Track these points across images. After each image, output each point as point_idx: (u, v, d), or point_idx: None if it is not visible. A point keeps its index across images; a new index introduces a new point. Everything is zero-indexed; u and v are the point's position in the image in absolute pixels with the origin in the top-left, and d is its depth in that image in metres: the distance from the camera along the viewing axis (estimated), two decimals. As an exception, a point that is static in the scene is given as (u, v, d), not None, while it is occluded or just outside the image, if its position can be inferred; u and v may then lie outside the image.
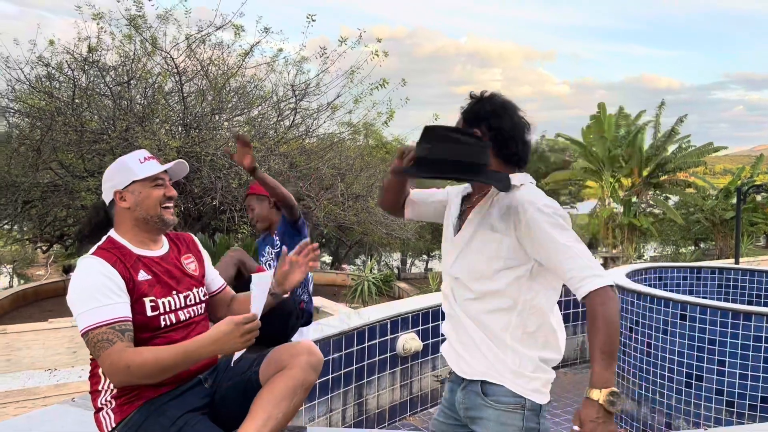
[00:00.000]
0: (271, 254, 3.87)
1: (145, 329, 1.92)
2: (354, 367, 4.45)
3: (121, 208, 2.04)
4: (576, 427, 1.63)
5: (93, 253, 1.94)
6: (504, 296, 1.79)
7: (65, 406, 2.89)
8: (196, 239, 2.29)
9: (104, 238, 2.03)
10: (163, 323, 1.98)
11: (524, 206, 1.75)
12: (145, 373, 1.79)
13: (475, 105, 1.91)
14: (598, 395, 1.59)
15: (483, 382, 1.82)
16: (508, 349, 1.79)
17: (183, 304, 2.06)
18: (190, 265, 2.16)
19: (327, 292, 15.04)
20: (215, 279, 2.28)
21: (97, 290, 1.85)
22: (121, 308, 1.86)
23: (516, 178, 1.85)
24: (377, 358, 4.65)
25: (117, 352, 1.79)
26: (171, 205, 2.08)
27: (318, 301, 10.86)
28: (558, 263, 1.70)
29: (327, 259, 25.54)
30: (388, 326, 4.73)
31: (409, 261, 28.24)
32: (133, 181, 2.03)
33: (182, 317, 2.04)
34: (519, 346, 1.79)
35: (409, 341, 4.83)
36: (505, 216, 1.80)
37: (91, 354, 1.86)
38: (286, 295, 2.22)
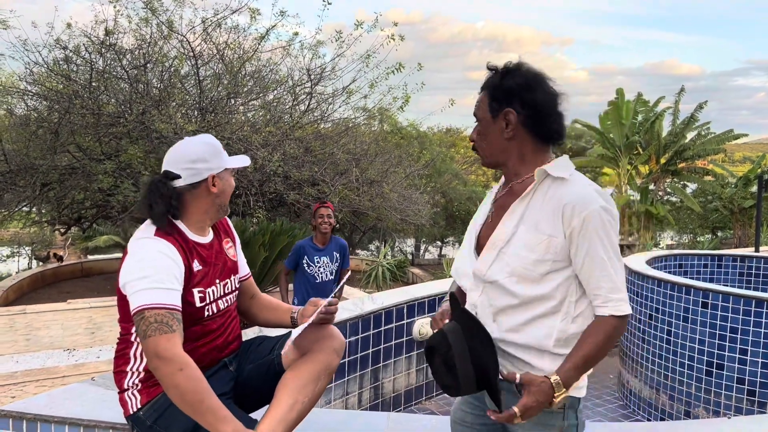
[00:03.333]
0: (328, 267, 4.96)
1: (189, 319, 1.87)
2: (370, 350, 4.45)
3: (205, 192, 1.95)
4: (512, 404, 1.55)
5: (155, 235, 1.86)
6: (551, 299, 1.63)
7: (85, 385, 2.90)
8: (230, 222, 2.24)
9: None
10: (206, 313, 1.95)
11: (579, 206, 1.58)
12: (182, 391, 1.72)
13: (503, 79, 1.67)
14: (558, 388, 1.54)
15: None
16: (547, 354, 1.65)
17: (223, 293, 2.03)
18: (229, 251, 2.12)
19: (341, 277, 15.07)
20: (243, 265, 2.24)
21: (163, 271, 1.79)
22: (178, 297, 1.82)
23: (561, 165, 1.67)
24: (393, 342, 4.64)
25: (175, 345, 1.73)
26: None
27: (333, 285, 10.84)
28: (589, 276, 1.60)
29: (341, 244, 25.56)
30: (404, 311, 4.71)
31: (422, 247, 28.22)
32: (225, 169, 1.99)
33: (221, 306, 2.02)
34: (560, 350, 1.64)
35: (425, 326, 4.82)
36: (554, 214, 1.60)
37: (138, 332, 1.78)
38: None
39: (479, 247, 1.76)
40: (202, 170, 1.94)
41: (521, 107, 1.64)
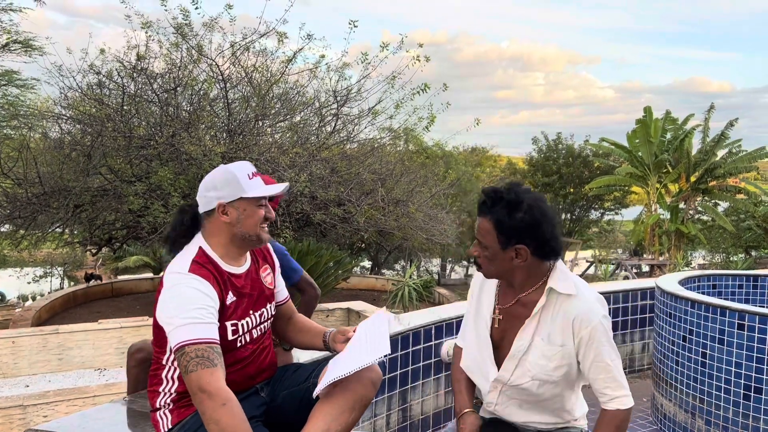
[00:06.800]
0: None
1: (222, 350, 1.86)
2: (398, 372, 4.41)
3: (219, 221, 1.94)
4: None
5: (190, 270, 1.86)
6: (560, 386, 1.95)
7: (117, 405, 2.93)
8: (270, 246, 2.22)
9: (195, 249, 1.93)
10: (238, 344, 1.95)
11: (586, 320, 1.85)
12: (222, 426, 1.70)
13: (510, 216, 1.81)
14: None
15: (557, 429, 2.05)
16: (566, 412, 2.02)
17: (257, 322, 2.02)
18: (266, 278, 2.11)
19: (367, 297, 15.05)
20: (282, 290, 2.23)
21: (200, 307, 1.80)
22: (215, 331, 1.82)
23: (563, 279, 1.90)
24: (421, 364, 4.60)
25: (219, 380, 1.74)
26: (266, 224, 2.02)
27: (359, 305, 10.87)
28: (596, 378, 1.88)
29: (367, 264, 25.60)
30: (432, 331, 4.68)
31: (449, 267, 28.09)
32: (241, 198, 1.93)
33: (255, 335, 2.02)
34: (577, 414, 2.04)
35: (453, 347, 4.77)
36: (565, 327, 1.88)
37: (179, 367, 1.78)
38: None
39: (494, 349, 2.02)
40: (211, 199, 1.93)
41: (530, 241, 1.84)
